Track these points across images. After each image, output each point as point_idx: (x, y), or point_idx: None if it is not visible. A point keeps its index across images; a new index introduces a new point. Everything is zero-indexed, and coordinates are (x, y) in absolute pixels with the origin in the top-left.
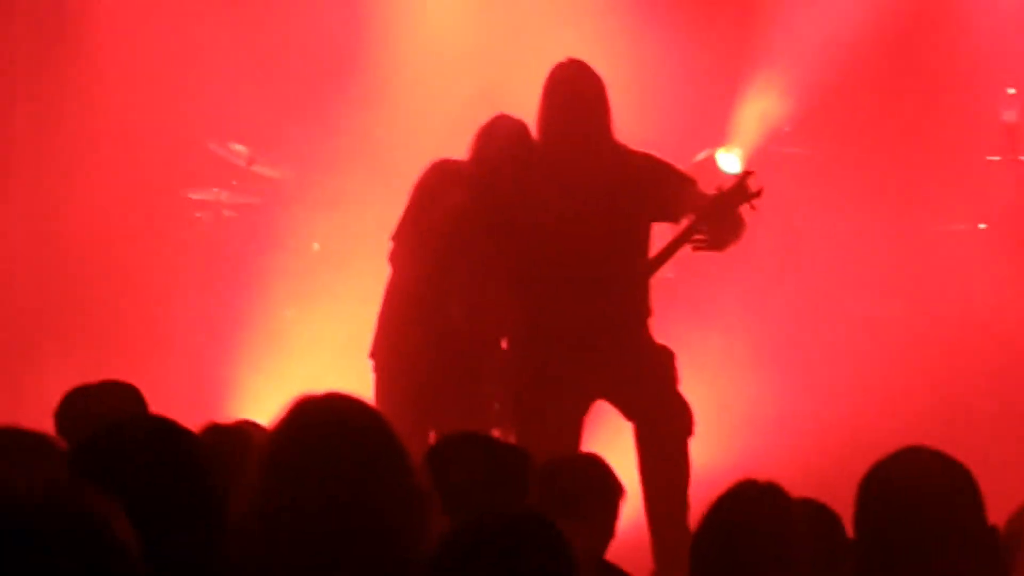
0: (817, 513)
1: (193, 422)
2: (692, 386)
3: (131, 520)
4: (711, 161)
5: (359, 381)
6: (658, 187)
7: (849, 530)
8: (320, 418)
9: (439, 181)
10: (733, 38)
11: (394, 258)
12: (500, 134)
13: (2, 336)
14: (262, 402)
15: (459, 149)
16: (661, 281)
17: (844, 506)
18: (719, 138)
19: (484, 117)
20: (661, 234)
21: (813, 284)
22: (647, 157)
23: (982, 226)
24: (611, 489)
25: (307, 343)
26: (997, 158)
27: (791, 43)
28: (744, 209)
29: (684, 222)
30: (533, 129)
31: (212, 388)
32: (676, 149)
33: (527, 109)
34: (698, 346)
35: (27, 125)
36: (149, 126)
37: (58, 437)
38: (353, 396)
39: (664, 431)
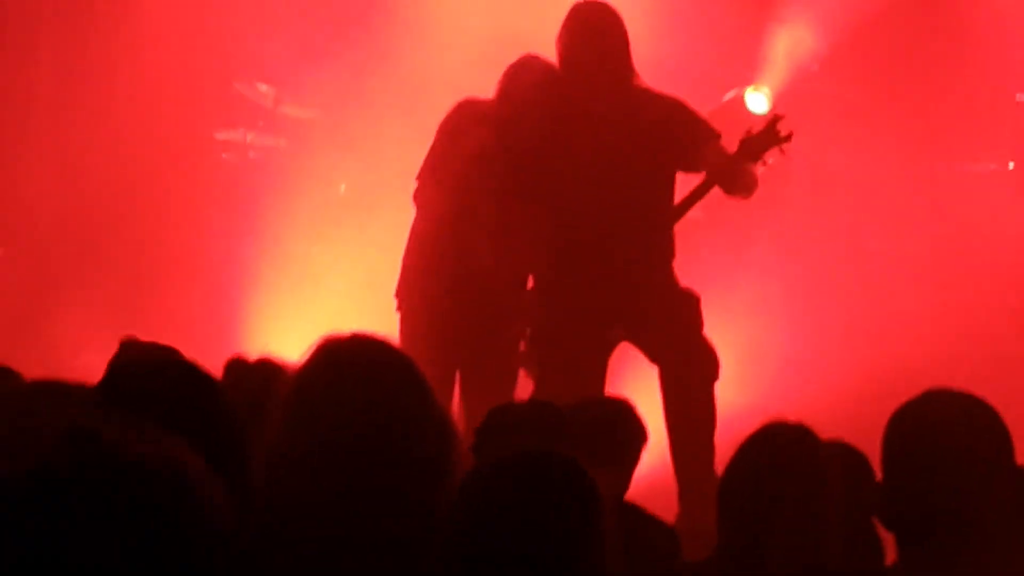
0: (845, 454)
1: (218, 360)
2: (719, 329)
3: None
4: (739, 100)
5: (384, 320)
6: (682, 136)
7: (877, 471)
8: (345, 357)
9: (464, 120)
10: None
11: (418, 197)
12: (526, 74)
13: (29, 279)
14: (287, 340)
15: (487, 88)
16: (690, 221)
17: (873, 447)
18: (748, 76)
19: (512, 56)
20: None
21: (842, 224)
22: (673, 102)
23: (1011, 165)
24: (636, 434)
25: (333, 282)
26: None
27: None
28: (775, 154)
29: (703, 175)
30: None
31: (237, 327)
32: (704, 87)
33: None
34: (726, 288)
35: (51, 66)
36: (175, 66)
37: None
38: (378, 335)
39: (689, 374)
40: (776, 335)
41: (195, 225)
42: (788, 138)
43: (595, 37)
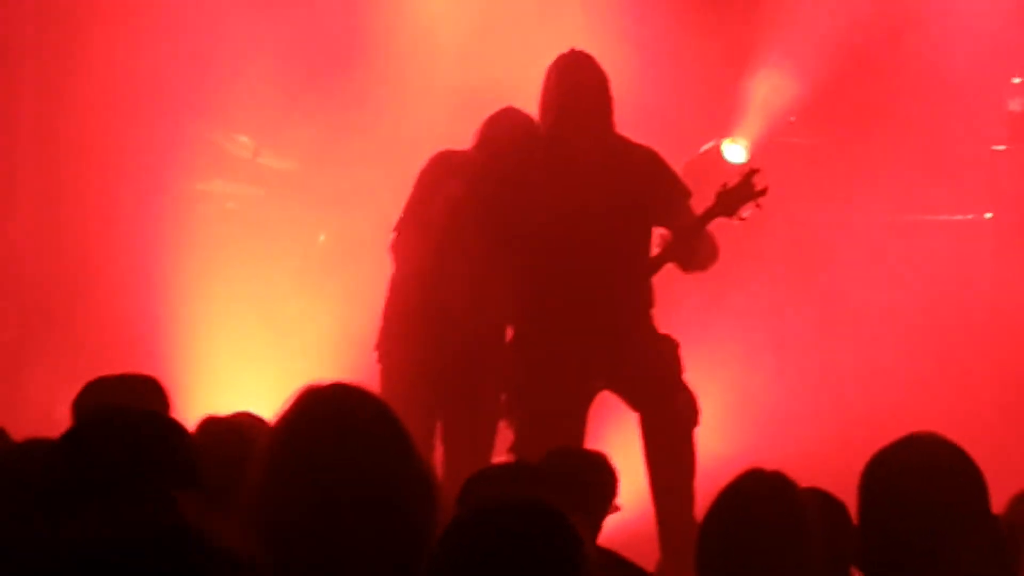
0: (823, 502)
1: (194, 414)
2: (697, 376)
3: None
4: (716, 151)
5: (361, 371)
6: (658, 191)
7: (855, 519)
8: (326, 407)
9: (440, 172)
10: (738, 27)
11: (395, 249)
12: (504, 125)
13: (6, 331)
14: (263, 394)
15: (463, 139)
16: (668, 271)
17: (852, 496)
18: (725, 128)
19: (488, 107)
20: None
21: (819, 275)
22: (651, 155)
23: (988, 215)
24: (607, 483)
25: (311, 333)
26: (1003, 147)
27: (796, 32)
28: (750, 206)
29: (669, 235)
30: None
31: (213, 381)
32: (682, 137)
33: (535, 100)
34: (704, 337)
35: (32, 116)
36: (154, 116)
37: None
38: (358, 386)
39: (670, 421)
40: (751, 384)
41: (172, 275)
42: (764, 192)
43: (577, 89)
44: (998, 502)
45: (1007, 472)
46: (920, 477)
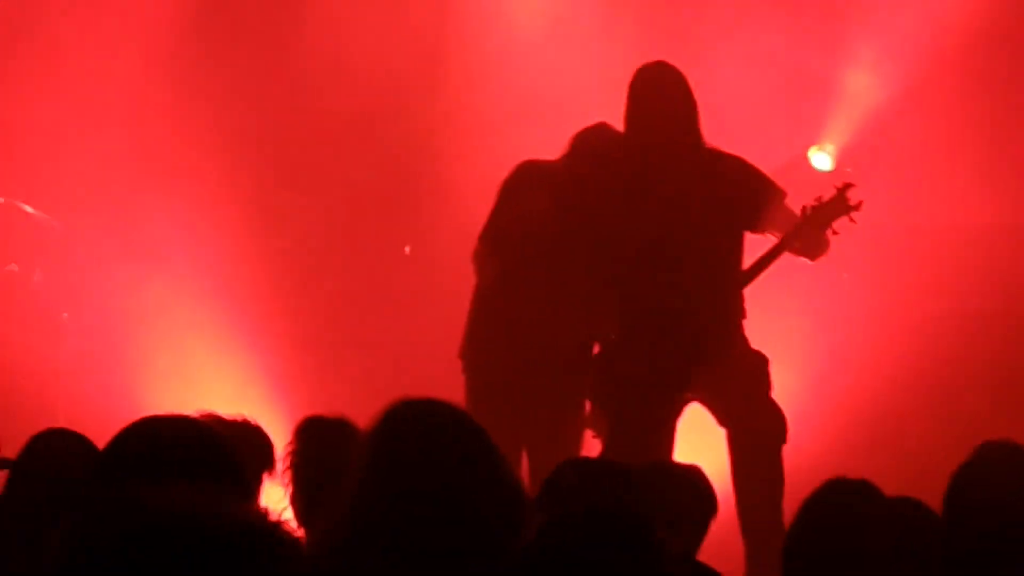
0: (911, 509)
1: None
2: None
3: None
4: (804, 159)
5: None
6: (750, 196)
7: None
8: (417, 422)
9: (524, 182)
10: (825, 35)
11: (479, 261)
12: (594, 138)
13: None
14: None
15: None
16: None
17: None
18: (813, 136)
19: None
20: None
21: (932, 277)
22: (739, 162)
23: None
24: (706, 501)
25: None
26: None
27: (883, 38)
28: (845, 221)
29: (773, 235)
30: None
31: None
32: (768, 147)
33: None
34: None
35: None
36: None
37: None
38: (448, 402)
39: (758, 437)
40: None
41: None
42: (857, 207)
43: (662, 99)
44: None
45: None
46: (1008, 488)
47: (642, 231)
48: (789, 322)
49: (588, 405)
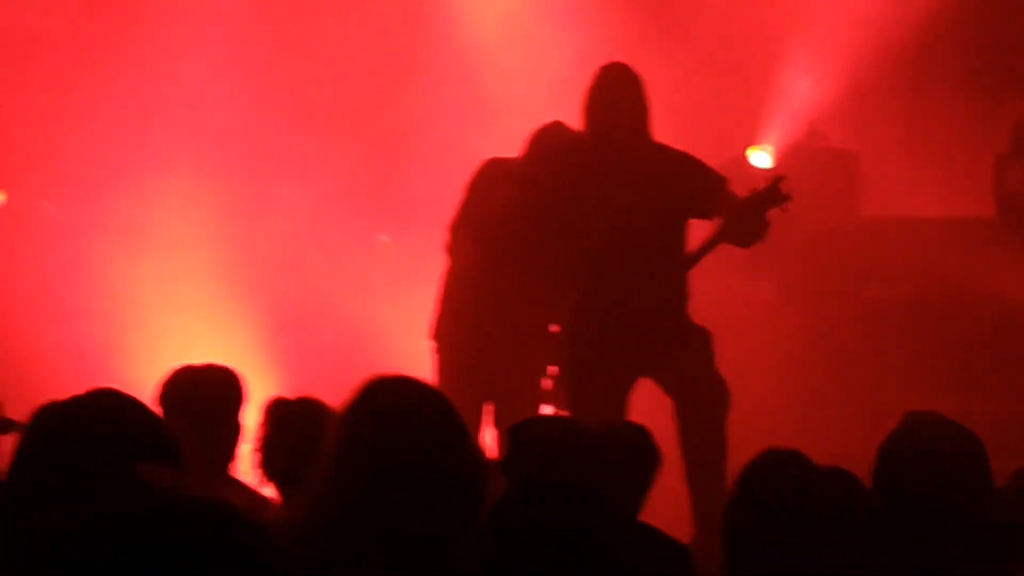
0: (837, 477)
1: None
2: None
3: None
4: (743, 158)
5: None
6: (694, 185)
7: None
8: (388, 398)
9: (491, 177)
10: (764, 38)
11: (450, 248)
12: (551, 135)
13: None
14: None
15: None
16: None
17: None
18: (752, 135)
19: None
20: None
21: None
22: (684, 156)
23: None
24: (652, 458)
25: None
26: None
27: (819, 45)
28: (777, 212)
29: (717, 221)
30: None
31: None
32: (710, 146)
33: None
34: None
35: None
36: None
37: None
38: (418, 378)
39: (704, 408)
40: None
41: None
42: (789, 197)
43: (614, 99)
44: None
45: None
46: (932, 456)
47: (595, 223)
48: (741, 303)
49: (549, 383)
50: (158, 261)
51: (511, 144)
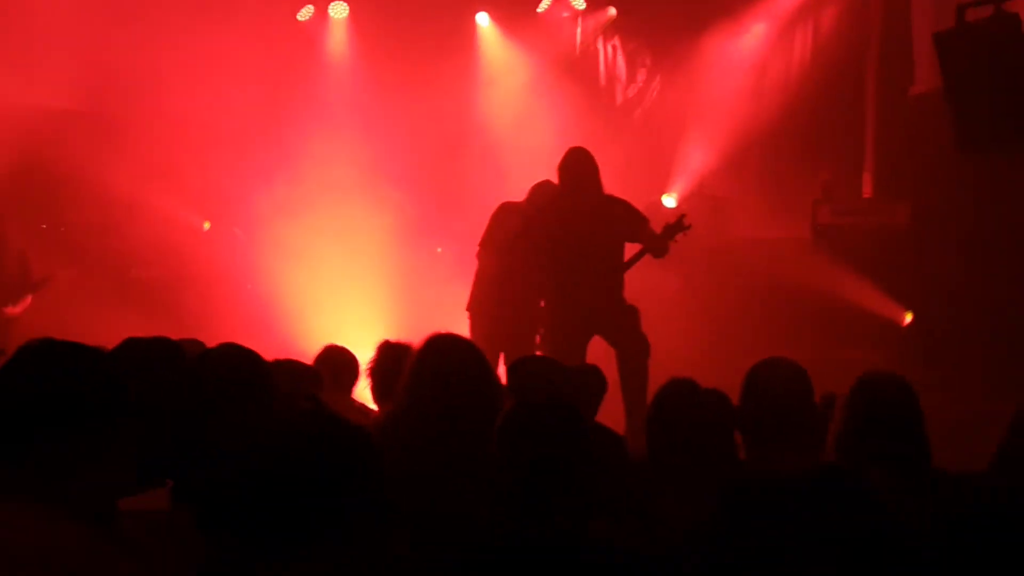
0: (717, 397)
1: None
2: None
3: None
4: (659, 201)
5: None
6: (628, 220)
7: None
8: (443, 345)
9: (505, 213)
10: (674, 125)
11: (480, 257)
12: (542, 189)
13: None
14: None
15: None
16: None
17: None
18: (663, 187)
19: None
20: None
21: (730, 277)
22: (623, 202)
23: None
24: (601, 385)
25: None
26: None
27: (708, 128)
28: (681, 236)
29: (640, 244)
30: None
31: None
32: (638, 194)
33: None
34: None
35: None
36: None
37: None
38: (459, 336)
39: (634, 354)
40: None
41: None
42: (688, 227)
43: (579, 168)
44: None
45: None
46: (778, 381)
47: (566, 240)
48: (658, 292)
49: (538, 339)
50: (309, 269)
51: (518, 192)
